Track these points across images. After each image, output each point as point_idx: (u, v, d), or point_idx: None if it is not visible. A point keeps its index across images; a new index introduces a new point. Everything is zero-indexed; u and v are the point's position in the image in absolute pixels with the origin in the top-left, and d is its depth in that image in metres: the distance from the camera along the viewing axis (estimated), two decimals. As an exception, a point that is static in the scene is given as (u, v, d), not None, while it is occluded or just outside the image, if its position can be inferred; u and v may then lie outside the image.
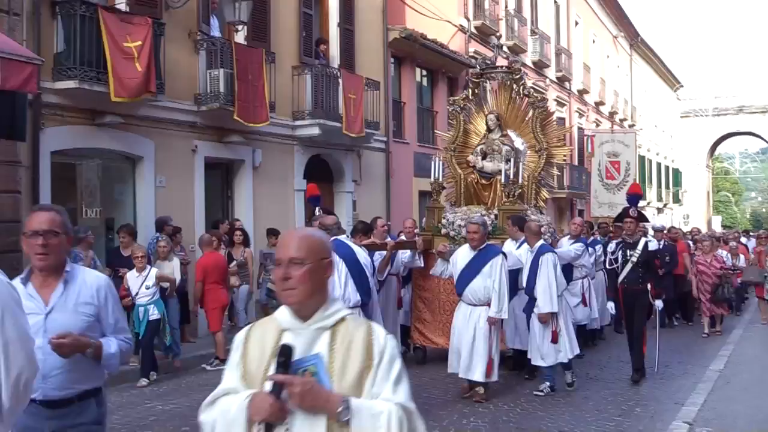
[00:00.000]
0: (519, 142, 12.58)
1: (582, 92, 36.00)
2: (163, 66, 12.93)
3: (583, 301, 12.58)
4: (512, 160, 11.76)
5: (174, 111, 13.75)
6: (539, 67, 30.68)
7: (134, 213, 13.38)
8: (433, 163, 12.23)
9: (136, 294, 10.38)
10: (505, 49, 24.70)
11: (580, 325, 12.26)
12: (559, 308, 9.73)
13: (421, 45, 21.26)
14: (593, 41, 38.81)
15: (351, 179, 19.01)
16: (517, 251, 10.33)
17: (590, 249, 13.14)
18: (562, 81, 33.33)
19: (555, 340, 9.64)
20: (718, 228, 46.74)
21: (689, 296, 16.36)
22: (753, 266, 16.78)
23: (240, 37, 15.15)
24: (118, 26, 11.90)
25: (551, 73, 32.17)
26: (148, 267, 10.59)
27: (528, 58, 29.64)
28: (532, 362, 9.99)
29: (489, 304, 9.19)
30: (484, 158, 12.56)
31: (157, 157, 13.50)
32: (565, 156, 13.75)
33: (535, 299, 9.71)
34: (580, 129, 34.09)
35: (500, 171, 11.81)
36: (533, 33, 30.18)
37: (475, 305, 9.29)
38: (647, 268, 10.64)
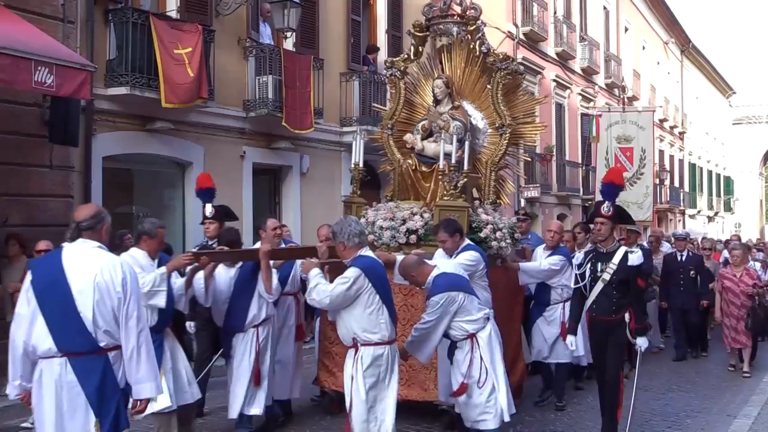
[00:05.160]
0: (478, 117, 9.69)
1: (632, 99, 35.59)
2: (213, 72, 13.06)
3: (563, 333, 8.81)
4: (454, 138, 8.71)
5: (223, 117, 13.88)
6: (588, 73, 30.41)
7: (183, 218, 13.51)
8: (353, 142, 9.53)
9: None
10: None
11: (561, 364, 9.31)
12: (491, 348, 6.39)
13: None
14: (643, 47, 38.36)
15: (398, 186, 18.97)
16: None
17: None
18: (611, 88, 32.98)
19: (460, 392, 6.38)
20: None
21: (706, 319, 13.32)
22: None
23: (289, 44, 15.24)
24: (169, 33, 12.05)
25: (600, 79, 31.86)
26: None
27: (577, 65, 29.44)
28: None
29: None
30: (428, 137, 9.43)
31: (206, 163, 13.59)
32: (536, 134, 10.46)
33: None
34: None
35: (446, 154, 8.57)
36: (582, 39, 29.92)
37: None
38: (625, 290, 7.38)
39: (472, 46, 9.61)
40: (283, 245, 8.38)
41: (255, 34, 14.76)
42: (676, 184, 42.23)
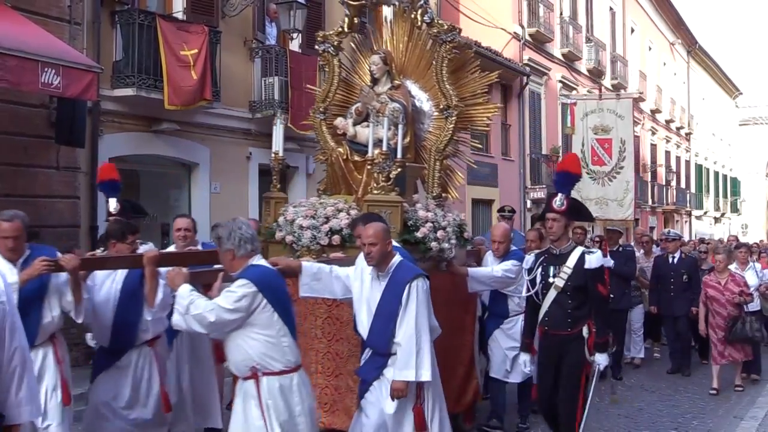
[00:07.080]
0: (423, 99, 8.34)
1: (638, 100, 35.50)
2: (219, 73, 13.09)
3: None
4: (386, 121, 7.24)
5: (229, 118, 13.91)
6: (594, 74, 30.37)
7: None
8: (274, 128, 8.23)
9: None
10: None
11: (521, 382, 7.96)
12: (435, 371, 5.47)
13: (474, 53, 21.13)
14: (649, 48, 38.29)
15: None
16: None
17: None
18: (617, 89, 32.87)
19: (422, 426, 5.35)
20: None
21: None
22: None
23: (294, 45, 15.25)
24: (175, 34, 12.08)
25: (606, 81, 31.80)
26: None
27: (583, 66, 29.42)
28: None
29: None
30: (363, 122, 8.02)
31: (212, 164, 13.65)
32: (489, 118, 8.53)
33: (385, 356, 5.43)
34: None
35: (379, 141, 7.15)
36: (588, 40, 29.88)
37: None
38: (582, 298, 6.27)
39: (414, 16, 8.18)
40: (200, 247, 7.10)
41: (261, 35, 14.78)
42: (683, 185, 42.16)
